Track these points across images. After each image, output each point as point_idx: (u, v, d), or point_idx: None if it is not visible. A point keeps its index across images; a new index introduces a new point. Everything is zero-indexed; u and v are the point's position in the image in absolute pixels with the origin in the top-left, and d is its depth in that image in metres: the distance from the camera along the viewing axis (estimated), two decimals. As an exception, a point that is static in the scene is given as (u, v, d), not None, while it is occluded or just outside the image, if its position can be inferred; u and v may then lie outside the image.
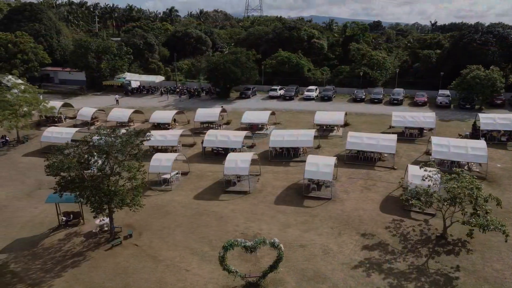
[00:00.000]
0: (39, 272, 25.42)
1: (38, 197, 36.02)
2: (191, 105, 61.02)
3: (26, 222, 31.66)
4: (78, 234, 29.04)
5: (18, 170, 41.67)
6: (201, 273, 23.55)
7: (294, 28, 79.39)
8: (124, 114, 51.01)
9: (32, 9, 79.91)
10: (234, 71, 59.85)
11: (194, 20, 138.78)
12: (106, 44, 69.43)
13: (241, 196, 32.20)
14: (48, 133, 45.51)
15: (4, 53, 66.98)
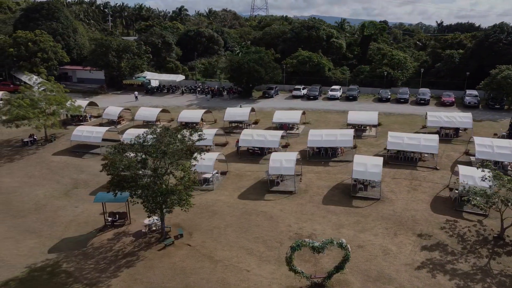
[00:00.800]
0: (94, 272, 25.28)
1: (76, 196, 35.97)
2: (214, 104, 60.84)
3: (70, 222, 31.54)
4: (126, 234, 28.87)
5: (50, 169, 41.52)
6: (263, 273, 23.38)
7: (313, 27, 79.19)
8: (152, 113, 50.84)
9: (49, 7, 79.71)
10: (258, 70, 59.70)
11: (205, 19, 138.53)
12: (126, 43, 69.30)
13: (287, 196, 32.03)
14: (78, 132, 45.35)
15: (24, 51, 66.81)
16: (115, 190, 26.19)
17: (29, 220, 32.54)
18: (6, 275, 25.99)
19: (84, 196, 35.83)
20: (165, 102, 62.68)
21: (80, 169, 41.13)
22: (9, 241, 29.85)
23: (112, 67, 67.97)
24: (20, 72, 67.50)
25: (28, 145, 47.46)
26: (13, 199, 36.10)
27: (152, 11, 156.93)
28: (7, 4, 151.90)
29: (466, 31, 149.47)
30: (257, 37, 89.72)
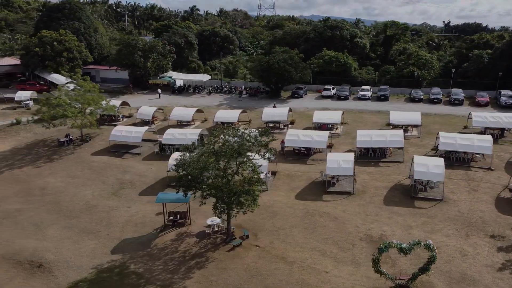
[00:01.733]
0: (165, 273, 25.09)
1: (125, 196, 35.77)
2: (244, 104, 60.61)
3: (126, 222, 31.35)
4: (189, 235, 28.67)
5: (93, 169, 41.35)
6: (342, 274, 23.19)
7: (336, 27, 79.07)
8: (187, 113, 50.66)
9: (71, 7, 79.59)
10: (288, 70, 59.54)
11: (219, 19, 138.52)
12: (152, 43, 69.14)
13: (345, 196, 31.84)
14: (116, 132, 45.17)
15: (50, 51, 66.69)
16: (185, 191, 25.96)
17: (82, 220, 32.38)
18: (74, 276, 25.85)
19: (134, 196, 35.64)
20: (194, 102, 62.50)
21: (123, 169, 40.95)
22: (68, 241, 29.70)
23: (138, 67, 67.81)
24: (46, 71, 67.43)
25: (65, 145, 47.31)
26: (61, 199, 35.96)
27: (164, 11, 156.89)
28: (18, 3, 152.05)
29: (474, 31, 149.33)
30: (277, 37, 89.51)
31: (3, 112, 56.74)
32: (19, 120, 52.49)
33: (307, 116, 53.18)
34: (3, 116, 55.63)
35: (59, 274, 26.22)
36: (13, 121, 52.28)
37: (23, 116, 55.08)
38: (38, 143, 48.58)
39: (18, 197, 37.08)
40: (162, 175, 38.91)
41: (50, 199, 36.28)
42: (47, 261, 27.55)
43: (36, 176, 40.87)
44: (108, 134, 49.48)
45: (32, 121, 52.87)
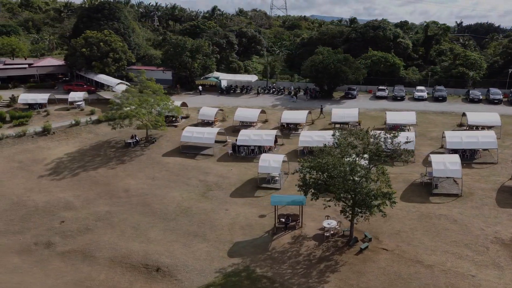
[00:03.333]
0: (296, 277, 24.72)
1: (216, 198, 35.40)
2: (297, 105, 60.10)
3: (231, 225, 30.97)
4: (305, 237, 28.28)
5: (171, 171, 40.97)
6: (490, 278, 22.83)
7: (379, 27, 78.77)
8: (252, 114, 50.28)
9: (110, 7, 79.34)
10: (345, 71, 59.20)
11: (244, 19, 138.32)
12: (199, 43, 68.74)
13: (454, 199, 31.44)
14: (188, 133, 44.82)
15: (96, 51, 66.32)
16: (316, 194, 25.54)
17: (182, 223, 32.03)
18: (200, 280, 25.52)
19: (226, 198, 35.26)
20: (245, 102, 62.05)
21: (201, 170, 40.55)
22: (177, 244, 29.36)
23: (185, 68, 67.46)
24: (92, 72, 67.04)
25: (131, 146, 46.95)
26: (150, 201, 35.60)
27: (184, 11, 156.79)
28: (38, 4, 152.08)
29: (486, 31, 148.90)
30: (314, 37, 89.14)
31: (58, 113, 56.31)
32: (78, 121, 52.15)
33: (370, 117, 52.79)
34: (58, 117, 55.21)
35: (182, 278, 25.88)
36: (72, 122, 51.92)
37: (77, 116, 54.75)
38: (103, 144, 48.23)
39: (103, 199, 36.77)
40: (247, 176, 38.61)
41: (138, 201, 35.93)
42: (164, 264, 27.22)
43: (113, 177, 40.54)
44: (172, 135, 49.40)
45: (91, 121, 52.64)
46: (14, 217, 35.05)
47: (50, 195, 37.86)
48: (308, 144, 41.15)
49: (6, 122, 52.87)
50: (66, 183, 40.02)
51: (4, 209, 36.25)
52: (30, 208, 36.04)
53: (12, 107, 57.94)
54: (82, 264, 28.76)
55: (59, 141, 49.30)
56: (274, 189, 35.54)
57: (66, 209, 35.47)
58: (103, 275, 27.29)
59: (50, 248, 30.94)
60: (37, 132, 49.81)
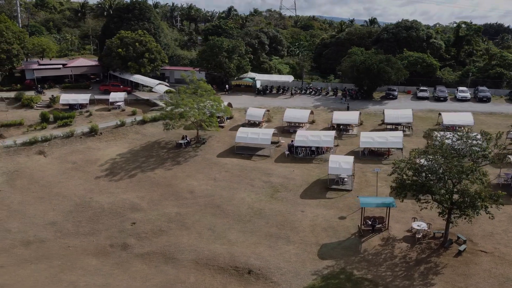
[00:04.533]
0: (399, 280, 24.49)
1: (287, 200, 35.16)
2: (341, 106, 59.79)
3: (312, 227, 30.75)
4: (394, 239, 28.05)
5: (230, 172, 40.70)
6: None
7: (411, 28, 78.64)
8: (302, 115, 50.08)
9: (140, 7, 79.18)
10: (387, 71, 59.03)
11: (263, 19, 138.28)
12: (235, 44, 68.54)
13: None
14: (242, 134, 44.61)
15: (132, 52, 66.13)
16: (417, 196, 25.29)
17: (259, 224, 31.81)
18: (298, 283, 25.30)
19: (296, 199, 35.04)
20: (286, 103, 61.71)
21: (262, 171, 40.29)
22: (262, 246, 29.16)
23: (221, 68, 67.25)
24: (127, 72, 66.81)
25: (183, 146, 46.73)
26: (219, 202, 35.38)
27: (200, 11, 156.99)
28: (53, 4, 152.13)
29: (496, 32, 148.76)
30: (342, 38, 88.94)
31: (99, 114, 56.10)
32: (124, 121, 51.93)
33: (418, 117, 52.39)
34: (100, 117, 55.00)
35: (278, 280, 25.66)
36: (117, 123, 51.71)
37: (119, 117, 54.57)
38: (153, 145, 48.01)
39: (169, 200, 36.56)
40: (311, 178, 38.40)
41: (205, 202, 35.72)
42: (255, 266, 27.00)
43: (173, 178, 40.31)
44: (220, 136, 49.20)
45: (136, 122, 52.44)
46: (81, 218, 34.86)
47: (113, 196, 37.66)
48: (369, 145, 40.98)
49: (50, 122, 52.77)
50: (125, 184, 39.82)
51: (68, 210, 36.07)
52: (96, 209, 35.84)
53: (52, 107, 57.80)
54: (165, 266, 28.55)
55: (107, 141, 49.09)
56: (345, 190, 35.34)
57: (133, 211, 35.27)
58: (192, 278, 27.08)
59: (127, 250, 30.74)
60: (85, 132, 49.60)
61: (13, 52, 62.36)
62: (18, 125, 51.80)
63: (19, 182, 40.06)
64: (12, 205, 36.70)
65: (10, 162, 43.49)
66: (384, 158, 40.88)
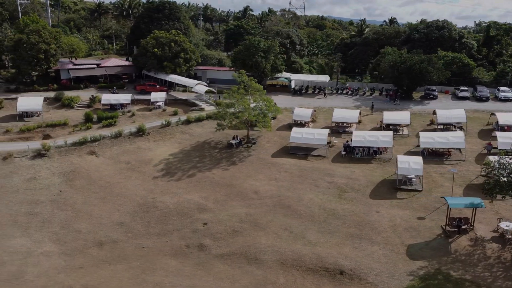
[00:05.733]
0: (500, 280, 24.45)
1: (356, 200, 35.16)
2: (380, 106, 59.71)
3: (392, 227, 30.71)
4: (483, 240, 27.99)
5: (290, 172, 40.60)
6: None
7: (443, 27, 78.66)
8: (351, 115, 50.12)
9: (170, 7, 79.33)
10: (430, 71, 59.03)
11: (282, 19, 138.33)
12: (270, 44, 68.50)
13: None
14: (297, 134, 44.61)
15: (168, 51, 66.10)
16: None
17: (336, 225, 31.79)
18: (396, 283, 25.25)
19: (366, 200, 34.99)
20: (325, 103, 61.70)
21: (323, 172, 40.24)
22: (346, 247, 29.14)
23: (257, 68, 67.19)
24: (163, 72, 66.74)
25: (234, 146, 46.68)
26: (288, 203, 35.32)
27: (216, 11, 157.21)
28: (67, 4, 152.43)
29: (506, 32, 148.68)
30: (370, 38, 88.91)
31: (141, 114, 56.00)
32: (169, 121, 51.89)
33: (465, 118, 52.41)
34: (143, 117, 54.89)
35: (374, 281, 25.60)
36: (163, 123, 51.67)
37: (161, 117, 54.55)
38: (203, 145, 47.95)
39: (236, 201, 36.50)
40: (375, 178, 38.39)
41: (273, 202, 35.67)
42: (346, 267, 26.94)
43: (232, 178, 40.25)
44: (269, 136, 49.08)
45: (180, 122, 52.39)
46: (149, 219, 34.80)
47: (176, 196, 37.59)
48: (430, 145, 40.96)
49: (94, 122, 52.73)
50: (186, 184, 39.76)
51: (133, 210, 36.03)
52: (162, 210, 35.79)
53: (92, 107, 57.75)
54: (250, 267, 28.49)
55: (155, 141, 49.05)
56: (416, 191, 35.30)
57: (201, 211, 35.21)
58: (282, 278, 27.02)
59: (204, 251, 30.68)
60: (132, 132, 49.55)
61: (51, 52, 62.34)
62: (62, 125, 51.79)
63: (78, 183, 39.99)
64: (76, 206, 36.66)
65: (64, 162, 43.44)
66: (445, 159, 40.84)
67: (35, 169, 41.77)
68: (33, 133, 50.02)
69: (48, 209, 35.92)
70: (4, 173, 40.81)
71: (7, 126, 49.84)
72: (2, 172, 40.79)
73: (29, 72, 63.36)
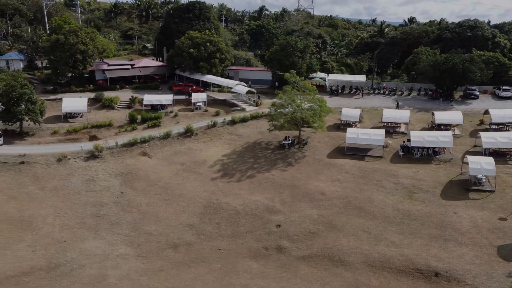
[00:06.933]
0: None
1: (428, 201, 34.96)
2: (430, 106, 59.40)
3: (475, 228, 30.58)
4: None
5: (351, 173, 40.42)
6: None
7: (476, 27, 78.58)
8: (403, 115, 49.98)
9: (200, 7, 79.18)
10: (473, 71, 58.92)
11: (301, 19, 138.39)
12: (307, 44, 68.37)
13: None
14: (352, 135, 44.49)
15: (203, 52, 65.95)
16: None
17: (414, 226, 31.67)
18: (496, 285, 25.20)
19: (439, 200, 34.83)
20: (365, 103, 61.55)
21: (385, 173, 40.06)
22: (434, 248, 28.99)
23: (294, 68, 66.99)
24: (198, 73, 66.59)
25: (286, 147, 46.53)
26: (358, 204, 35.20)
27: (231, 11, 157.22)
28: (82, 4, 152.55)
29: None
30: (398, 37, 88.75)
31: (184, 114, 55.78)
32: (215, 122, 51.77)
33: None
34: (185, 118, 54.66)
35: (474, 283, 25.44)
36: (209, 123, 51.56)
37: (203, 117, 54.45)
38: (254, 146, 47.80)
39: (304, 202, 36.33)
40: (442, 178, 38.23)
41: (343, 203, 35.53)
42: (441, 269, 26.80)
43: (294, 179, 40.09)
44: (318, 136, 48.94)
45: (226, 122, 52.27)
46: (219, 220, 34.64)
47: (241, 198, 37.42)
48: (492, 145, 40.83)
49: (137, 123, 52.56)
50: (247, 186, 39.58)
51: (200, 212, 35.88)
52: (229, 211, 35.62)
53: (133, 108, 57.60)
54: (337, 269, 28.34)
55: (204, 142, 48.91)
56: (488, 191, 35.18)
57: (271, 212, 35.04)
58: (374, 280, 26.87)
59: (284, 253, 30.51)
60: (180, 133, 49.45)
61: (89, 53, 62.22)
62: (107, 126, 51.69)
63: (137, 184, 39.83)
64: (141, 207, 36.50)
65: (118, 164, 43.30)
66: (508, 158, 40.72)
67: (92, 171, 41.65)
68: (79, 134, 49.92)
69: (114, 211, 35.79)
70: (62, 174, 40.72)
71: (53, 127, 49.77)
72: (60, 174, 40.73)
73: (67, 73, 63.24)
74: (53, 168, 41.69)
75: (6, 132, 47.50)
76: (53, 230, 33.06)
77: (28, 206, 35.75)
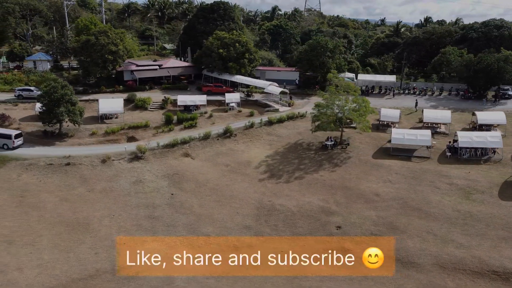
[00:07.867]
0: None
1: (488, 202, 34.91)
2: (465, 106, 59.27)
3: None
4: None
5: (401, 174, 40.20)
6: None
7: (502, 26, 78.52)
8: (444, 115, 49.86)
9: (225, 7, 79.11)
10: (509, 71, 58.80)
11: (317, 19, 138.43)
12: (336, 43, 68.28)
13: None
14: (398, 135, 44.34)
15: (233, 52, 65.85)
16: None
17: (479, 227, 31.71)
18: None
19: (499, 201, 34.85)
20: (399, 103, 61.15)
21: (436, 173, 39.86)
22: (506, 250, 28.82)
23: (323, 68, 66.95)
24: (227, 73, 66.44)
25: (329, 148, 46.37)
26: (416, 205, 35.13)
27: (243, 11, 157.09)
28: (93, 4, 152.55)
29: None
30: (420, 37, 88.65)
31: (218, 115, 55.61)
32: (253, 122, 51.61)
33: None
34: (220, 119, 54.49)
35: (555, 284, 25.28)
36: (246, 124, 51.40)
37: (238, 118, 54.29)
38: (296, 147, 47.59)
39: (359, 203, 36.24)
40: (496, 179, 38.07)
41: (399, 204, 35.46)
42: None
43: (344, 180, 39.97)
44: (359, 137, 48.56)
45: (263, 123, 52.10)
46: (276, 222, 34.57)
47: (294, 199, 37.31)
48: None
49: (173, 124, 52.44)
50: (297, 187, 39.44)
51: (254, 213, 35.78)
52: (285, 212, 35.52)
53: (166, 109, 57.44)
54: (408, 271, 28.32)
55: (244, 143, 48.73)
56: (547, 192, 35.10)
57: (327, 214, 34.94)
58: (450, 283, 26.76)
59: (349, 255, 30.36)
60: (219, 134, 49.31)
61: (119, 53, 62.14)
62: (144, 127, 51.45)
63: (186, 186, 39.69)
64: (194, 209, 36.39)
65: (162, 165, 43.15)
66: (558, 158, 40.72)
67: (137, 172, 41.51)
68: (117, 135, 49.73)
69: (167, 213, 35.67)
70: (109, 176, 40.59)
71: (91, 129, 49.58)
72: (107, 175, 40.59)
73: (97, 74, 63.13)
74: (99, 169, 41.54)
75: (46, 133, 47.44)
76: (110, 231, 32.94)
77: (81, 208, 35.64)
